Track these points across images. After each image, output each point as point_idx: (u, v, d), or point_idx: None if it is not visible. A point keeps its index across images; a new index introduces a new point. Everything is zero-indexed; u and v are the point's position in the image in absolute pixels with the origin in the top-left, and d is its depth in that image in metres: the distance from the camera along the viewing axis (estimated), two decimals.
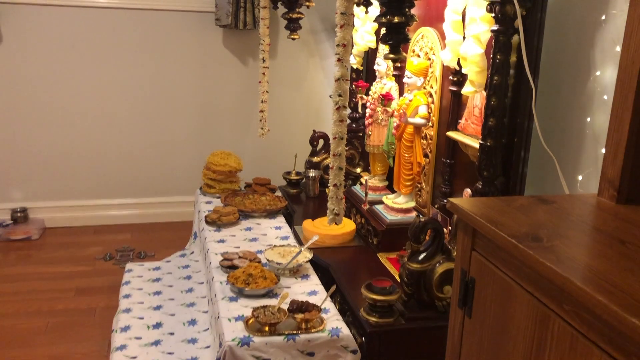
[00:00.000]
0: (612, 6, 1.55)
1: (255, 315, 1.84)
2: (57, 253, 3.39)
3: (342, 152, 1.90)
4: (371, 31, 2.85)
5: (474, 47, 1.83)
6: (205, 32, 3.78)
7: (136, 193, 3.91)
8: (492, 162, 1.72)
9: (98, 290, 2.94)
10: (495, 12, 1.62)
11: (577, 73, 1.70)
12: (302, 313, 1.85)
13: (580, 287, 0.80)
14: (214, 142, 3.86)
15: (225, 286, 2.10)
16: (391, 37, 1.78)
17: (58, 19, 3.55)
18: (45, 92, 3.64)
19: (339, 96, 1.86)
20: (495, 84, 1.68)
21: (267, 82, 3.15)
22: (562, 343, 0.87)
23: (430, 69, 2.34)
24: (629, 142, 1.11)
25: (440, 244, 1.82)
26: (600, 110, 1.60)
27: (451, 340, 1.25)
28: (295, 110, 4.08)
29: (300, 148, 3.50)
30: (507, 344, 1.02)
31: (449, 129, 2.20)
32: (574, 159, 1.70)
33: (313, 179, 3.19)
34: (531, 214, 1.10)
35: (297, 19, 2.92)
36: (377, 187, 2.70)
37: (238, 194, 3.07)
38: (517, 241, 0.95)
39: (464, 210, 1.11)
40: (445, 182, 2.27)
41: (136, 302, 2.37)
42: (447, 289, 1.79)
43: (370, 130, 2.67)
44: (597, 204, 1.17)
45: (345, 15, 1.79)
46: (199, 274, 2.61)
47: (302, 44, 3.95)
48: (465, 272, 1.16)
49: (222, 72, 3.88)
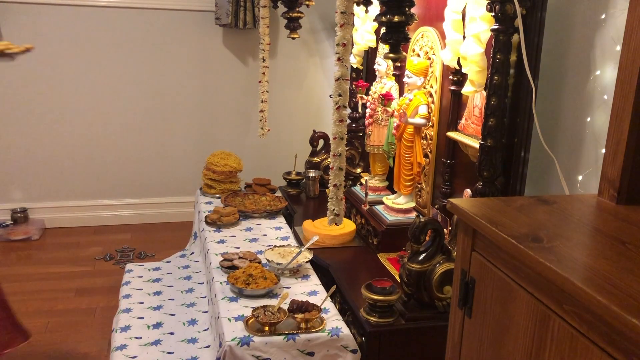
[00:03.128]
0: (612, 5, 1.55)
1: (255, 315, 1.84)
2: (57, 253, 3.39)
3: (342, 152, 1.90)
4: (371, 30, 2.85)
5: (474, 47, 1.83)
6: (205, 31, 3.78)
7: (136, 193, 3.91)
8: (492, 162, 1.72)
9: (98, 290, 2.94)
10: (495, 11, 1.62)
11: (577, 73, 1.70)
12: (302, 313, 1.85)
13: (580, 287, 0.79)
14: (214, 142, 3.86)
15: (225, 286, 2.10)
16: (391, 36, 1.78)
17: (58, 18, 3.55)
18: (45, 91, 3.64)
19: (339, 96, 1.86)
20: (495, 84, 1.67)
21: (267, 81, 3.15)
22: (562, 343, 0.87)
23: (430, 69, 2.33)
24: (629, 142, 1.11)
25: (441, 245, 1.82)
26: (600, 110, 1.60)
27: (451, 340, 1.25)
28: (295, 110, 4.08)
29: (300, 148, 3.50)
30: (507, 344, 1.02)
31: (449, 129, 2.20)
32: (574, 159, 1.70)
33: (313, 180, 3.19)
34: (531, 214, 1.10)
35: (297, 18, 2.92)
36: (377, 187, 2.70)
37: (238, 195, 3.07)
38: (517, 241, 0.95)
39: (464, 211, 1.11)
40: (446, 182, 2.26)
41: (136, 302, 2.37)
42: (447, 289, 1.79)
43: (370, 130, 2.66)
44: (597, 205, 1.17)
45: (345, 14, 1.78)
46: (199, 274, 2.61)
47: (302, 44, 3.95)
48: (466, 272, 1.16)
49: (222, 71, 3.88)
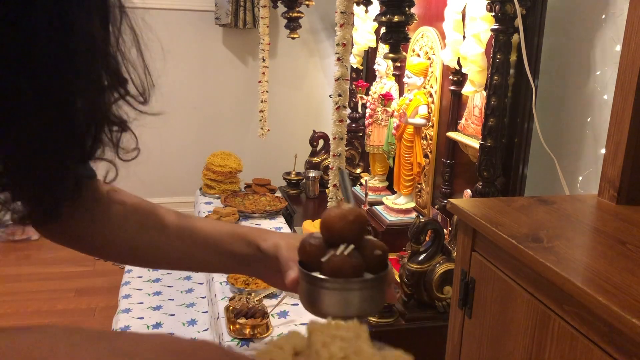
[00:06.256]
0: (612, 5, 1.55)
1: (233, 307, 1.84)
2: (57, 253, 3.39)
3: (342, 153, 1.90)
4: (371, 30, 2.84)
5: (474, 47, 1.83)
6: (205, 31, 3.78)
7: (136, 193, 3.89)
8: (492, 162, 1.71)
9: (98, 290, 2.94)
10: (495, 11, 1.62)
11: (577, 73, 1.70)
12: (247, 318, 1.81)
13: (580, 287, 0.79)
14: (214, 142, 3.86)
15: (225, 286, 2.10)
16: (391, 36, 1.77)
17: None
18: None
19: (339, 96, 1.86)
20: (495, 84, 1.67)
21: (267, 81, 3.14)
22: (562, 343, 0.87)
23: (430, 69, 2.33)
24: (629, 142, 1.11)
25: (441, 245, 1.82)
26: (600, 110, 1.60)
27: (451, 340, 1.25)
28: (295, 110, 4.07)
29: (300, 148, 3.50)
30: (507, 344, 1.02)
31: (449, 129, 2.20)
32: (574, 159, 1.70)
33: (313, 180, 3.19)
34: (531, 214, 1.10)
35: (296, 18, 2.92)
36: (377, 187, 2.70)
37: (238, 195, 3.07)
38: (517, 242, 0.95)
39: (464, 211, 1.11)
40: (446, 182, 2.26)
41: (136, 303, 2.37)
42: (447, 289, 1.79)
43: (370, 130, 2.66)
44: (597, 205, 1.17)
45: (345, 14, 1.78)
46: (198, 275, 2.61)
47: (302, 44, 3.95)
48: (466, 272, 1.15)
49: (221, 71, 3.88)
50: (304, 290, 0.66)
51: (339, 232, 0.64)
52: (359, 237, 0.66)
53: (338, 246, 0.64)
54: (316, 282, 0.64)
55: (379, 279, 0.66)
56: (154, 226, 0.78)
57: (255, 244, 0.78)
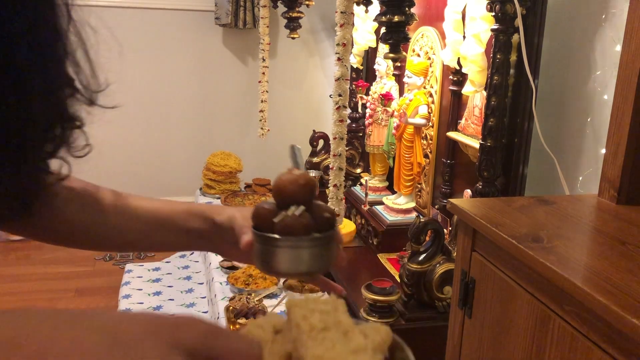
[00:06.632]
0: (612, 5, 1.55)
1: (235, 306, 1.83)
2: (57, 253, 3.39)
3: (342, 153, 1.90)
4: (371, 30, 2.84)
5: (474, 47, 1.83)
6: (205, 31, 3.78)
7: (136, 193, 3.89)
8: (492, 162, 1.71)
9: (98, 290, 2.94)
10: (495, 11, 1.62)
11: (577, 73, 1.70)
12: (247, 319, 1.81)
13: (580, 287, 0.79)
14: (214, 142, 3.86)
15: (225, 287, 2.10)
16: (391, 36, 1.77)
17: None
18: None
19: (339, 96, 1.86)
20: (495, 84, 1.67)
21: (267, 81, 3.14)
22: (562, 343, 0.87)
23: (430, 69, 2.33)
24: (629, 142, 1.11)
25: (441, 245, 1.82)
26: (600, 110, 1.60)
27: (451, 340, 1.25)
28: (295, 110, 4.07)
29: (300, 148, 3.50)
30: (507, 344, 1.02)
31: (449, 129, 2.20)
32: (574, 159, 1.70)
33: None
34: (531, 214, 1.10)
35: (296, 18, 2.92)
36: (377, 187, 2.70)
37: (238, 195, 3.07)
38: (517, 242, 0.95)
39: (464, 211, 1.11)
40: (446, 182, 2.26)
41: (136, 303, 2.37)
42: (447, 289, 1.79)
43: (370, 130, 2.66)
44: (598, 205, 1.17)
45: (345, 14, 1.78)
46: (198, 275, 2.61)
47: (302, 43, 3.95)
48: (466, 272, 1.15)
49: (221, 71, 3.88)
50: (258, 252, 0.70)
51: (291, 195, 0.68)
52: (309, 200, 0.69)
53: (290, 208, 0.67)
54: (269, 242, 0.67)
55: (327, 237, 0.69)
56: (98, 208, 0.80)
57: (211, 219, 0.80)
